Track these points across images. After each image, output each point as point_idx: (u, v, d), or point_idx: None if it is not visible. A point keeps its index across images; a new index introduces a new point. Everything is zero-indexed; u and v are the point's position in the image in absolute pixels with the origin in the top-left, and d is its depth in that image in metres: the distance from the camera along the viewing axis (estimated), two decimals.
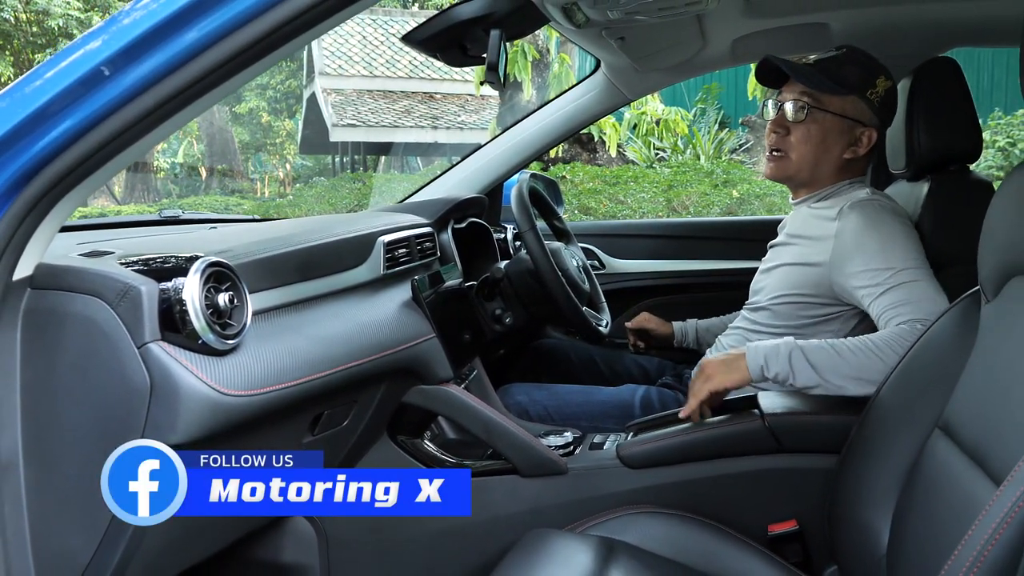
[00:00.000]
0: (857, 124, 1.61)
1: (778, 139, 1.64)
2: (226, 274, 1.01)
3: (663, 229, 2.57)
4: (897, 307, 1.43)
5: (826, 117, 1.61)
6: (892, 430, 1.26)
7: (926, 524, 1.12)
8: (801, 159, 1.63)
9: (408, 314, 1.45)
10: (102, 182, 0.95)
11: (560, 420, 1.78)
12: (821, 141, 1.61)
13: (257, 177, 20.57)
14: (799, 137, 1.62)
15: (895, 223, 1.52)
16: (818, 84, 1.60)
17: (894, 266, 1.46)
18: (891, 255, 1.47)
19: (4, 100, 0.88)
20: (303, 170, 20.37)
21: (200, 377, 0.95)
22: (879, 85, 1.61)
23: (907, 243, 1.50)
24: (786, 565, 1.34)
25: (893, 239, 1.49)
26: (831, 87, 1.59)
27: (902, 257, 1.47)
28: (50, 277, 0.95)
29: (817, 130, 1.61)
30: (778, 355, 1.41)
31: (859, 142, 1.62)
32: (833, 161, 1.63)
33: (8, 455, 0.91)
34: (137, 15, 0.88)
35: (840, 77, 1.60)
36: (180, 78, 0.87)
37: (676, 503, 1.43)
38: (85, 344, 0.94)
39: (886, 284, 1.46)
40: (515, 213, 1.75)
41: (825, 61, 1.61)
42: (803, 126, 1.61)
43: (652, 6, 1.49)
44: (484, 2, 1.46)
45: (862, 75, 1.60)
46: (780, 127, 1.64)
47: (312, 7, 0.86)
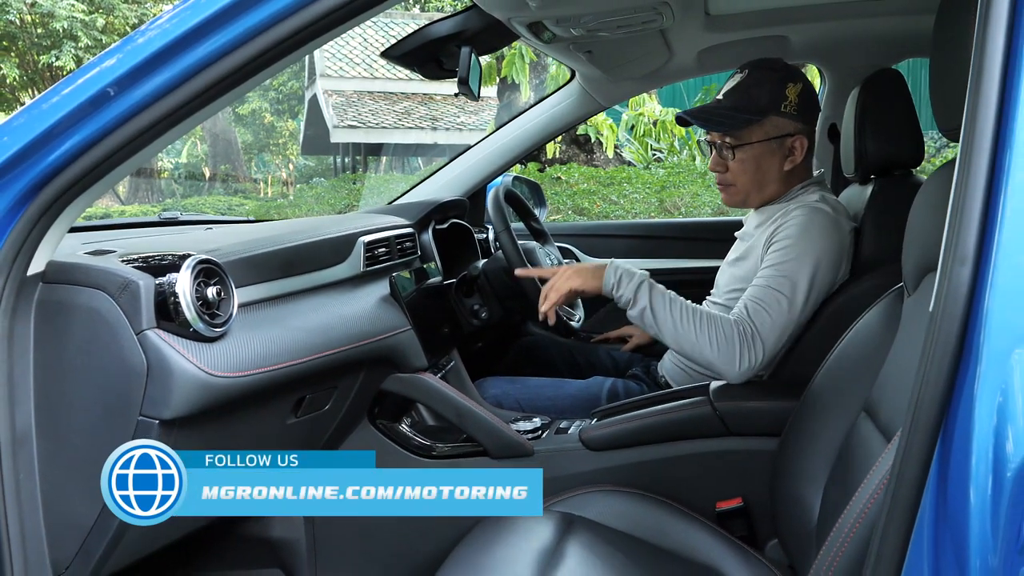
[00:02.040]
0: (784, 138, 1.69)
1: (720, 176, 1.73)
2: (214, 270, 1.14)
3: (637, 229, 2.67)
4: (751, 302, 1.57)
5: (752, 147, 1.68)
6: (824, 414, 1.36)
7: (844, 497, 1.23)
8: (746, 186, 1.72)
9: (386, 308, 1.57)
10: (106, 189, 1.07)
11: (531, 411, 1.88)
12: (757, 167, 1.69)
13: (260, 177, 20.64)
14: (736, 170, 1.70)
15: (822, 235, 1.60)
16: (733, 126, 1.66)
17: (780, 272, 1.57)
18: (790, 261, 1.58)
19: (22, 117, 1.00)
20: (306, 170, 20.43)
21: (191, 360, 1.08)
22: (790, 94, 1.66)
23: (808, 259, 1.57)
24: (731, 539, 1.44)
25: (803, 249, 1.58)
26: (745, 120, 1.66)
27: (794, 267, 1.57)
28: (60, 272, 1.07)
29: (750, 159, 1.69)
30: (631, 280, 1.58)
31: (792, 151, 1.69)
32: (776, 177, 1.71)
33: (23, 428, 1.04)
34: (152, 34, 0.99)
35: (751, 106, 1.65)
36: (176, 97, 0.99)
37: (632, 482, 1.54)
38: (90, 331, 1.06)
39: (764, 279, 1.58)
40: (491, 215, 1.87)
41: (735, 92, 1.68)
42: (735, 161, 1.69)
43: (611, 23, 1.60)
44: (456, 21, 1.58)
45: (771, 93, 1.65)
46: (718, 165, 1.73)
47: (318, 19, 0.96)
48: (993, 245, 0.70)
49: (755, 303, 1.57)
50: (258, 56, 0.98)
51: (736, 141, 1.68)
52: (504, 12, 1.51)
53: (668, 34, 1.89)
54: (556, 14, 1.51)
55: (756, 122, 1.66)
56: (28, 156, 0.98)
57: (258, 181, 19.99)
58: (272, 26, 0.96)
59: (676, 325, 1.55)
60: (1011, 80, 0.72)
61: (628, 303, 1.58)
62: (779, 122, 1.67)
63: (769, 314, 1.55)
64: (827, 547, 0.97)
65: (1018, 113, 0.71)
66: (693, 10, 1.78)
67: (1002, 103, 0.71)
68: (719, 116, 1.67)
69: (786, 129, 1.68)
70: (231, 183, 17.79)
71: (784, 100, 1.65)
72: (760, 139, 1.67)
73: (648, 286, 1.58)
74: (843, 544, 0.94)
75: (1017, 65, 0.71)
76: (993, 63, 0.71)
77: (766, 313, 1.55)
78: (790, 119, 1.67)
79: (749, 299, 1.58)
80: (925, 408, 0.72)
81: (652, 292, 1.58)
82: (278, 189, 19.70)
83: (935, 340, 0.72)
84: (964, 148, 0.73)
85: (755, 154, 1.68)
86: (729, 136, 1.68)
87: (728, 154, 1.69)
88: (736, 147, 1.68)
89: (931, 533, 0.72)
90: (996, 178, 0.71)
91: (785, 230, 1.61)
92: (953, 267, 0.71)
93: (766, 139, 1.67)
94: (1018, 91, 0.71)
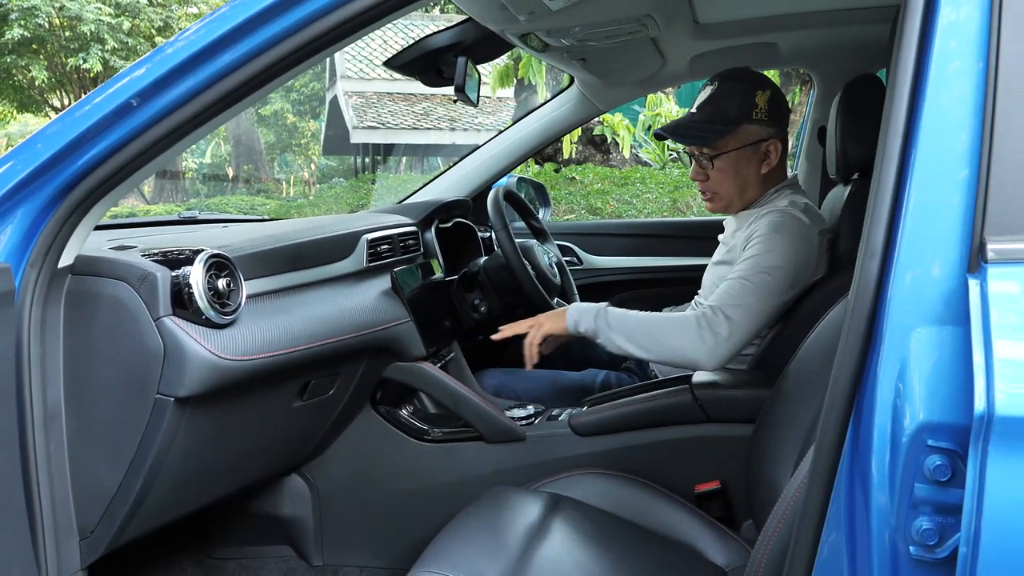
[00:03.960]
0: (758, 143, 1.75)
1: (703, 184, 1.80)
2: (225, 263, 1.25)
3: (637, 228, 2.75)
4: (716, 293, 1.65)
5: (728, 155, 1.75)
6: (796, 401, 1.44)
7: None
8: (728, 193, 1.79)
9: (387, 301, 1.68)
10: (129, 190, 1.19)
11: (528, 401, 1.98)
12: (736, 173, 1.77)
13: (283, 177, 20.87)
14: (717, 178, 1.77)
15: (789, 233, 1.66)
16: (707, 139, 1.73)
17: (748, 266, 1.64)
18: (761, 253, 1.65)
19: (57, 124, 1.12)
20: (328, 170, 20.64)
21: (203, 344, 1.19)
22: (759, 102, 1.73)
23: (780, 247, 1.64)
24: (709, 519, 1.52)
25: (771, 248, 1.65)
26: (719, 132, 1.72)
27: (761, 258, 1.64)
28: (87, 265, 1.19)
29: (728, 167, 1.75)
30: (588, 313, 1.69)
31: (768, 155, 1.77)
32: (754, 180, 1.78)
33: (54, 405, 1.15)
34: (174, 48, 1.09)
35: (723, 117, 1.72)
36: (191, 108, 1.10)
37: (617, 465, 1.63)
38: (113, 318, 1.17)
39: (736, 272, 1.65)
40: (490, 214, 1.97)
41: (707, 104, 1.75)
42: (715, 170, 1.76)
43: (599, 34, 1.69)
44: (453, 32, 1.68)
45: (741, 103, 1.72)
46: (699, 175, 1.79)
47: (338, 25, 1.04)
48: (898, 240, 0.80)
49: (720, 293, 1.65)
50: (266, 69, 1.07)
51: (713, 151, 1.75)
52: (497, 24, 1.61)
53: (659, 42, 1.96)
54: (545, 26, 1.61)
55: (730, 132, 1.73)
56: (59, 161, 1.09)
57: (280, 181, 20.21)
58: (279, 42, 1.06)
59: (637, 334, 1.64)
60: (917, 97, 0.81)
61: (594, 334, 1.68)
62: (752, 129, 1.74)
63: (730, 294, 1.63)
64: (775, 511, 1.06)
65: (920, 127, 0.80)
66: (681, 19, 1.86)
67: (909, 118, 0.81)
68: (694, 130, 1.75)
69: (759, 135, 1.74)
70: (254, 183, 18.01)
71: (754, 108, 1.73)
72: (735, 147, 1.74)
73: (604, 313, 1.68)
74: (786, 512, 1.03)
75: (922, 87, 0.81)
76: (903, 83, 0.81)
77: (727, 294, 1.63)
78: (762, 125, 1.74)
79: (716, 292, 1.67)
80: (840, 383, 0.81)
81: (608, 316, 1.67)
82: (300, 189, 19.91)
83: (849, 323, 0.81)
84: (879, 155, 0.83)
85: (732, 161, 1.75)
86: (706, 147, 1.75)
87: (708, 164, 1.76)
88: (714, 157, 1.75)
89: (847, 495, 0.82)
90: (903, 181, 0.81)
91: (755, 234, 1.69)
92: (864, 260, 0.81)
93: (741, 146, 1.74)
94: (920, 110, 0.80)
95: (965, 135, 0.79)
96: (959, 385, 0.73)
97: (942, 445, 0.73)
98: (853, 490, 0.81)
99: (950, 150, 0.79)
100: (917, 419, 0.74)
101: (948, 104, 0.80)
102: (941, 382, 0.74)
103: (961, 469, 0.73)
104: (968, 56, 0.80)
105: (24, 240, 1.10)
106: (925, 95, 0.81)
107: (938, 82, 0.80)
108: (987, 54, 0.79)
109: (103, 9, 13.06)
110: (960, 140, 0.79)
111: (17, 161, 1.10)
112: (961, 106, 0.79)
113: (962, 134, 0.79)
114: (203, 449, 1.31)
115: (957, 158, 0.79)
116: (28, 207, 1.10)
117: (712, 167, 1.76)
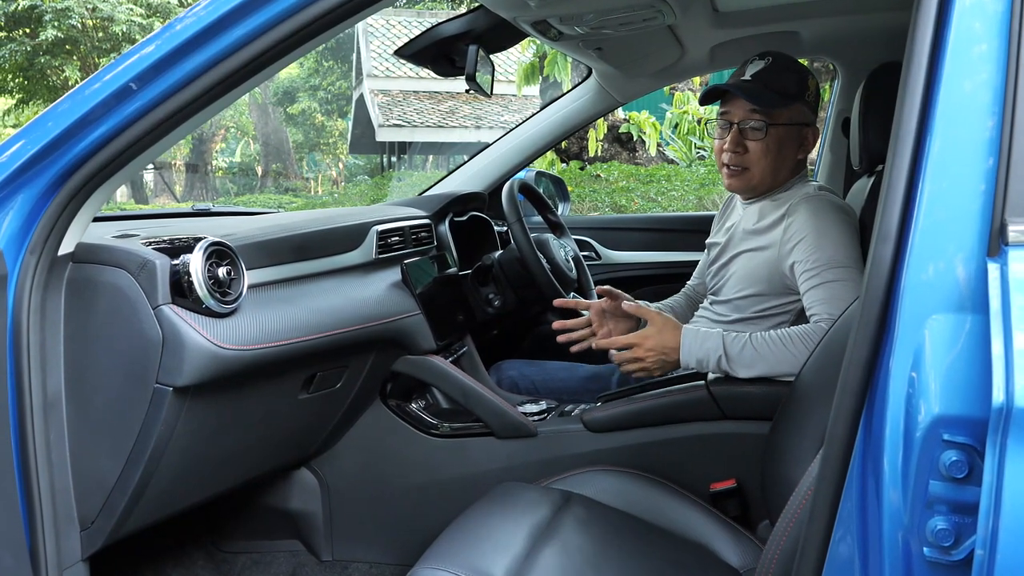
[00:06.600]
0: (804, 127, 1.71)
1: (736, 157, 1.69)
2: (226, 252, 1.23)
3: (655, 223, 2.71)
4: (819, 304, 1.57)
5: (779, 129, 1.67)
6: (814, 398, 1.40)
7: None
8: (763, 172, 1.70)
9: (396, 293, 1.66)
10: (128, 177, 1.18)
11: (545, 392, 1.96)
12: (778, 152, 1.69)
13: (312, 176, 21.04)
14: (758, 152, 1.67)
15: (836, 218, 1.62)
16: (769, 102, 1.64)
17: (825, 262, 1.57)
18: (826, 249, 1.58)
19: (67, 102, 1.10)
20: (355, 169, 20.76)
21: (202, 333, 1.18)
22: (811, 86, 1.69)
23: (841, 239, 1.59)
24: (724, 519, 1.49)
25: (829, 233, 1.59)
26: (779, 100, 1.65)
27: (832, 254, 1.58)
28: (87, 253, 1.18)
29: (774, 143, 1.68)
30: (706, 359, 1.58)
31: (806, 142, 1.72)
32: (789, 165, 1.72)
33: (54, 392, 1.14)
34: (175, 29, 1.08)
35: (783, 89, 1.65)
36: (190, 91, 1.08)
37: (630, 463, 1.59)
38: (113, 306, 1.16)
39: (816, 279, 1.58)
40: (504, 206, 1.94)
41: (763, 74, 1.68)
42: (761, 143, 1.66)
43: (613, 21, 1.65)
44: (464, 21, 1.65)
45: (798, 81, 1.67)
46: (738, 146, 1.68)
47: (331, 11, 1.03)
48: (913, 223, 0.75)
49: (830, 299, 1.56)
50: (258, 56, 1.06)
51: (768, 118, 1.66)
52: (509, 11, 1.58)
53: (677, 31, 1.93)
54: (557, 12, 1.57)
55: (787, 105, 1.67)
56: (59, 146, 1.09)
57: (309, 180, 20.38)
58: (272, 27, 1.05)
59: (770, 359, 1.55)
60: (934, 78, 0.78)
61: (716, 372, 1.59)
62: (802, 110, 1.68)
63: (839, 298, 1.55)
64: (787, 509, 1.02)
65: (936, 110, 0.77)
66: (699, 7, 1.82)
67: (925, 104, 0.77)
68: (757, 91, 1.66)
69: (806, 119, 1.70)
70: (282, 182, 18.18)
71: (807, 90, 1.69)
72: (786, 122, 1.67)
73: (725, 358, 1.57)
74: (797, 510, 0.99)
75: (939, 68, 0.77)
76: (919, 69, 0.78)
77: (837, 300, 1.55)
78: (811, 110, 1.70)
79: (814, 304, 1.58)
80: (851, 374, 0.77)
81: (730, 357, 1.57)
82: (328, 187, 20.06)
83: (863, 308, 0.77)
84: (893, 135, 0.79)
85: (779, 137, 1.68)
86: (760, 113, 1.66)
87: (756, 133, 1.67)
88: (769, 126, 1.66)
89: (859, 493, 0.78)
90: (918, 161, 0.77)
91: (797, 224, 1.63)
92: (877, 245, 0.77)
93: (791, 123, 1.68)
94: (937, 90, 0.77)
95: (985, 115, 0.75)
96: (977, 376, 0.69)
97: (958, 440, 0.69)
98: (865, 487, 0.77)
99: (969, 129, 0.76)
100: (932, 412, 0.70)
101: (967, 84, 0.76)
102: (958, 373, 0.70)
103: (979, 465, 0.68)
104: (990, 37, 0.76)
105: (24, 227, 1.09)
106: (942, 76, 0.77)
107: (957, 62, 0.77)
108: (1008, 35, 0.76)
109: (134, 10, 13.28)
110: (980, 120, 0.75)
111: (28, 139, 1.09)
112: (981, 88, 0.76)
113: (982, 114, 0.75)
114: (205, 440, 1.29)
115: (976, 137, 0.75)
116: (28, 193, 1.09)
117: (763, 135, 1.67)
